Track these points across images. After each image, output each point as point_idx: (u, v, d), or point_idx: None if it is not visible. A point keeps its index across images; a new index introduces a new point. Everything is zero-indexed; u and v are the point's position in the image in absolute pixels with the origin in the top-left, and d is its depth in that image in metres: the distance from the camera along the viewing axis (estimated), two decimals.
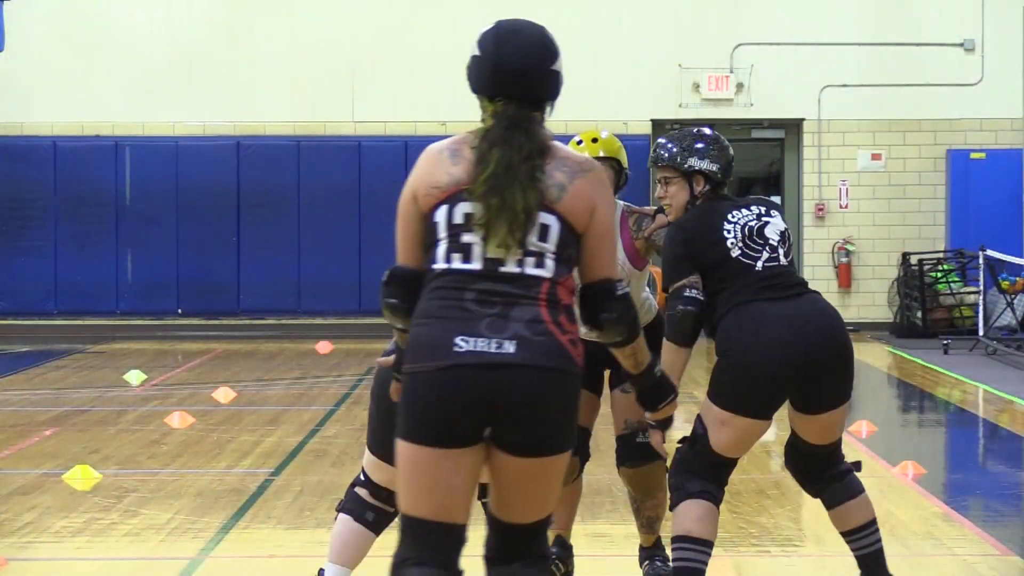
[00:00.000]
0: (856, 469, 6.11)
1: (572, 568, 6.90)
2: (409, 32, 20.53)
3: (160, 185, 20.34)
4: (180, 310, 20.51)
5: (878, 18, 20.51)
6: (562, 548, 6.87)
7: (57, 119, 20.54)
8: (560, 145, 4.44)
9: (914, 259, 19.86)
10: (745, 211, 5.99)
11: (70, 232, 20.35)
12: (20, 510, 8.71)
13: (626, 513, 6.96)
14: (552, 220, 4.31)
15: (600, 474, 9.00)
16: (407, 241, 4.44)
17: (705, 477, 5.87)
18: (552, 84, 4.43)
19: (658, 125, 20.55)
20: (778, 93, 20.52)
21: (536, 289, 4.27)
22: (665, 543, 6.79)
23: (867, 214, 20.58)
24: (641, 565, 6.93)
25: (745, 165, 21.07)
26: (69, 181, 20.32)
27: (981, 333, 18.14)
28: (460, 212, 4.32)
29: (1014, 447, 11.77)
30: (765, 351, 5.74)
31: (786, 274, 5.93)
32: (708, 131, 6.22)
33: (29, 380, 15.47)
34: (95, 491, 9.30)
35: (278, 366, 16.76)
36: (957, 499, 9.24)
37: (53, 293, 20.37)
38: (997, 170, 20.13)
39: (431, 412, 4.23)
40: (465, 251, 4.29)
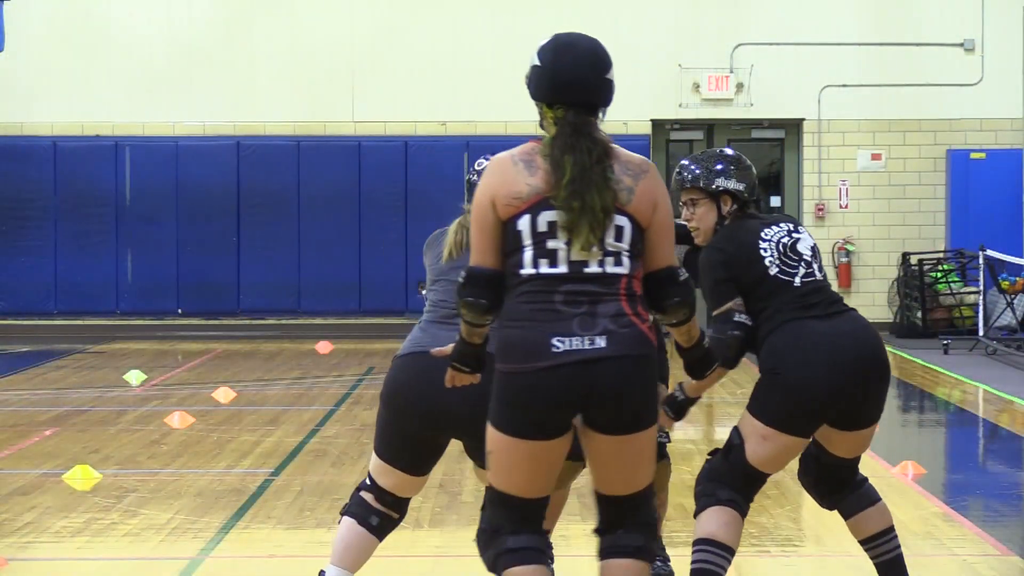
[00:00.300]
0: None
1: (552, 561, 6.89)
2: (409, 32, 20.53)
3: (160, 185, 20.34)
4: (180, 310, 20.52)
5: (878, 18, 20.51)
6: None
7: (57, 119, 20.54)
8: (616, 146, 4.83)
9: (914, 259, 19.86)
10: (776, 228, 5.99)
11: (70, 232, 20.35)
12: (20, 510, 8.71)
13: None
14: (625, 221, 4.75)
15: None
16: (484, 244, 4.81)
17: (736, 488, 5.87)
18: (606, 91, 4.80)
19: (658, 125, 20.55)
20: (778, 93, 20.52)
21: (616, 285, 4.73)
22: (667, 544, 6.79)
23: (867, 214, 20.58)
24: None
25: None
26: (69, 181, 20.33)
27: (981, 333, 18.14)
28: (544, 220, 4.72)
29: (1014, 447, 11.77)
30: (815, 373, 5.74)
31: (824, 290, 5.94)
32: (730, 151, 6.23)
33: (29, 380, 15.47)
34: (95, 491, 9.30)
35: (278, 366, 16.76)
36: (957, 499, 9.24)
37: (53, 293, 20.38)
38: (997, 170, 20.13)
39: (532, 408, 4.70)
40: (551, 256, 4.71)
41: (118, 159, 20.41)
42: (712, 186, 6.05)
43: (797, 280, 5.91)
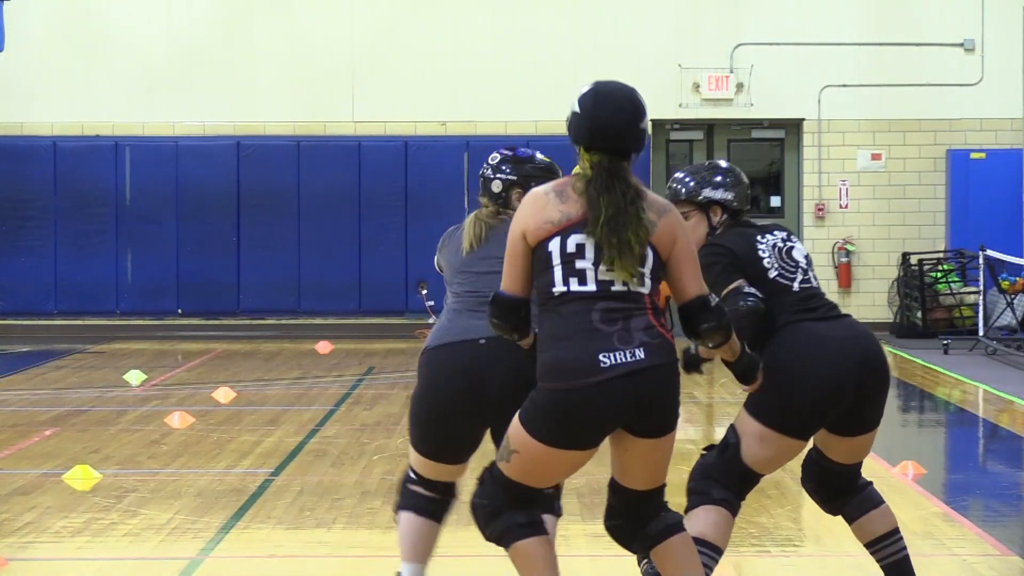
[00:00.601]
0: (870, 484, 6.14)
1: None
2: (409, 32, 20.53)
3: (160, 185, 20.34)
4: (180, 310, 20.51)
5: (878, 18, 20.51)
6: None
7: (57, 119, 20.54)
8: (645, 188, 5.28)
9: (914, 259, 19.86)
10: (771, 235, 6.05)
11: (70, 232, 20.34)
12: (20, 510, 8.71)
13: None
14: (648, 250, 5.17)
15: (600, 474, 8.97)
16: (513, 271, 5.28)
17: (728, 487, 5.89)
18: (639, 139, 5.23)
19: (658, 125, 20.55)
20: (778, 93, 20.52)
21: (641, 302, 5.15)
22: None
23: (867, 214, 20.58)
24: (639, 564, 6.94)
25: (745, 165, 20.89)
26: (69, 181, 20.32)
27: (981, 333, 18.14)
28: (573, 243, 5.15)
29: (1014, 447, 11.77)
30: (816, 375, 5.77)
31: (821, 296, 6.01)
32: (722, 163, 6.27)
33: (29, 380, 15.47)
34: (95, 491, 9.30)
35: (278, 366, 16.76)
36: (957, 499, 9.24)
37: (53, 293, 20.37)
38: (997, 170, 20.12)
39: (583, 422, 5.13)
40: (580, 275, 5.14)
41: (118, 159, 20.41)
42: (699, 197, 6.10)
43: (795, 285, 5.95)
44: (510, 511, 5.32)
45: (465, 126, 20.44)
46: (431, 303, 19.19)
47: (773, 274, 5.93)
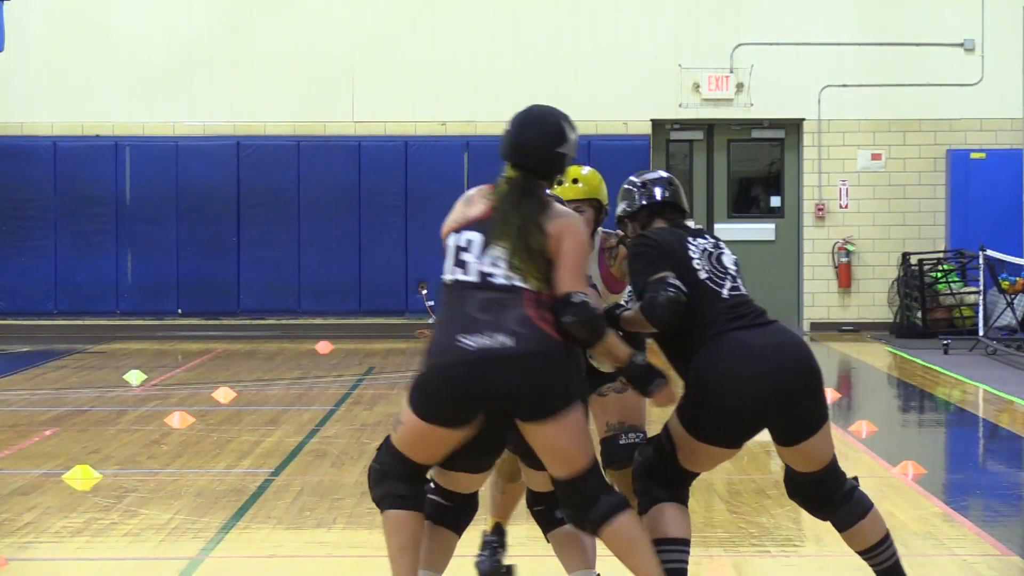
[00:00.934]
0: (855, 483, 6.10)
1: (497, 556, 6.94)
2: (409, 32, 20.53)
3: (160, 185, 20.34)
4: (180, 310, 20.51)
5: (878, 18, 20.51)
6: (498, 535, 6.95)
7: (57, 119, 20.54)
8: (552, 202, 5.66)
9: (914, 259, 19.86)
10: (701, 239, 6.06)
11: (70, 232, 20.34)
12: (20, 510, 8.72)
13: None
14: (537, 253, 5.49)
15: None
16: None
17: (672, 485, 5.93)
18: (556, 163, 5.67)
19: (658, 125, 20.55)
20: (778, 93, 20.51)
21: (521, 295, 5.47)
22: None
23: (867, 214, 20.58)
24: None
25: (745, 165, 21.08)
26: (69, 181, 20.32)
27: (981, 333, 18.14)
28: (465, 238, 5.59)
29: (1014, 447, 11.77)
30: (741, 391, 5.75)
31: (750, 303, 5.98)
32: (633, 176, 6.31)
33: (29, 380, 15.47)
34: (95, 491, 9.30)
35: (278, 366, 16.76)
36: (957, 499, 9.24)
37: (53, 293, 20.37)
38: (997, 170, 20.12)
39: (442, 399, 5.49)
40: (465, 266, 5.55)
41: (118, 159, 20.41)
42: (616, 217, 6.32)
43: (725, 292, 5.92)
44: (394, 480, 5.65)
45: (465, 126, 20.44)
46: (431, 303, 19.16)
47: (703, 276, 5.91)
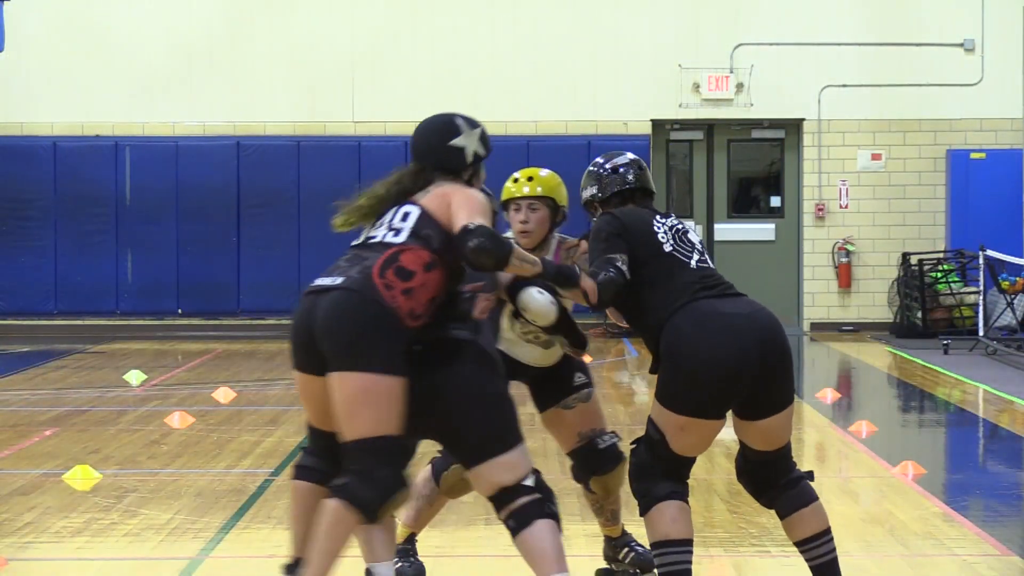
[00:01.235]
0: (809, 478, 6.08)
1: (417, 559, 6.91)
2: (409, 32, 20.53)
3: (160, 185, 20.34)
4: (180, 310, 20.51)
5: (878, 18, 20.51)
6: (410, 543, 6.92)
7: (57, 119, 20.54)
8: (441, 182, 5.83)
9: (914, 259, 19.86)
10: (667, 218, 6.14)
11: (70, 232, 20.35)
12: (20, 510, 8.71)
13: (624, 513, 6.97)
14: (413, 208, 5.70)
15: None
16: None
17: (669, 478, 5.91)
18: (453, 156, 5.93)
19: (658, 125, 20.55)
20: (778, 93, 20.52)
21: (381, 252, 5.58)
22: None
23: (867, 214, 20.58)
24: (618, 556, 6.99)
25: (745, 165, 21.08)
26: (69, 181, 20.32)
27: (981, 333, 18.13)
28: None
29: (1014, 447, 11.76)
30: (717, 348, 5.76)
31: (718, 275, 6.03)
32: (600, 158, 6.40)
33: (29, 380, 15.47)
34: (95, 491, 9.30)
35: (278, 366, 16.76)
36: (957, 499, 9.24)
37: (53, 293, 20.37)
38: (997, 170, 20.12)
39: (292, 340, 5.62)
40: (360, 234, 5.86)
41: (118, 159, 20.41)
42: (581, 200, 6.37)
43: (693, 263, 5.99)
44: (305, 453, 5.74)
45: None
46: None
47: (668, 248, 5.98)
